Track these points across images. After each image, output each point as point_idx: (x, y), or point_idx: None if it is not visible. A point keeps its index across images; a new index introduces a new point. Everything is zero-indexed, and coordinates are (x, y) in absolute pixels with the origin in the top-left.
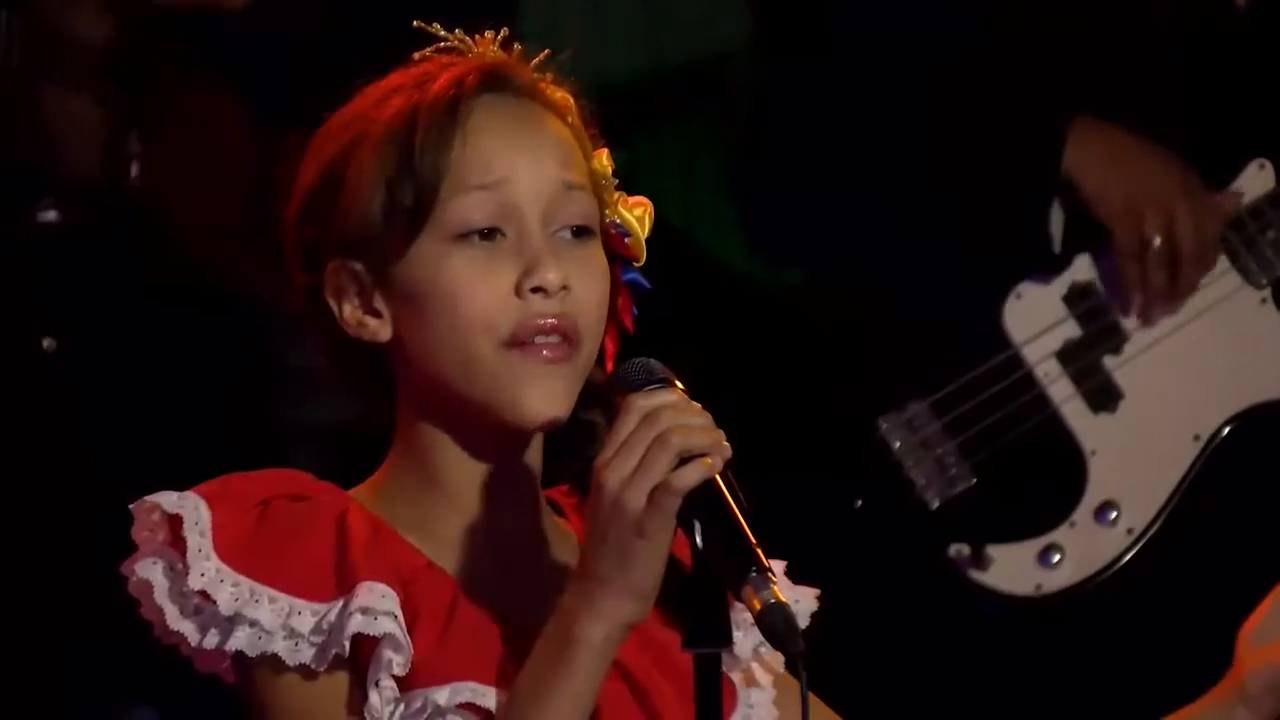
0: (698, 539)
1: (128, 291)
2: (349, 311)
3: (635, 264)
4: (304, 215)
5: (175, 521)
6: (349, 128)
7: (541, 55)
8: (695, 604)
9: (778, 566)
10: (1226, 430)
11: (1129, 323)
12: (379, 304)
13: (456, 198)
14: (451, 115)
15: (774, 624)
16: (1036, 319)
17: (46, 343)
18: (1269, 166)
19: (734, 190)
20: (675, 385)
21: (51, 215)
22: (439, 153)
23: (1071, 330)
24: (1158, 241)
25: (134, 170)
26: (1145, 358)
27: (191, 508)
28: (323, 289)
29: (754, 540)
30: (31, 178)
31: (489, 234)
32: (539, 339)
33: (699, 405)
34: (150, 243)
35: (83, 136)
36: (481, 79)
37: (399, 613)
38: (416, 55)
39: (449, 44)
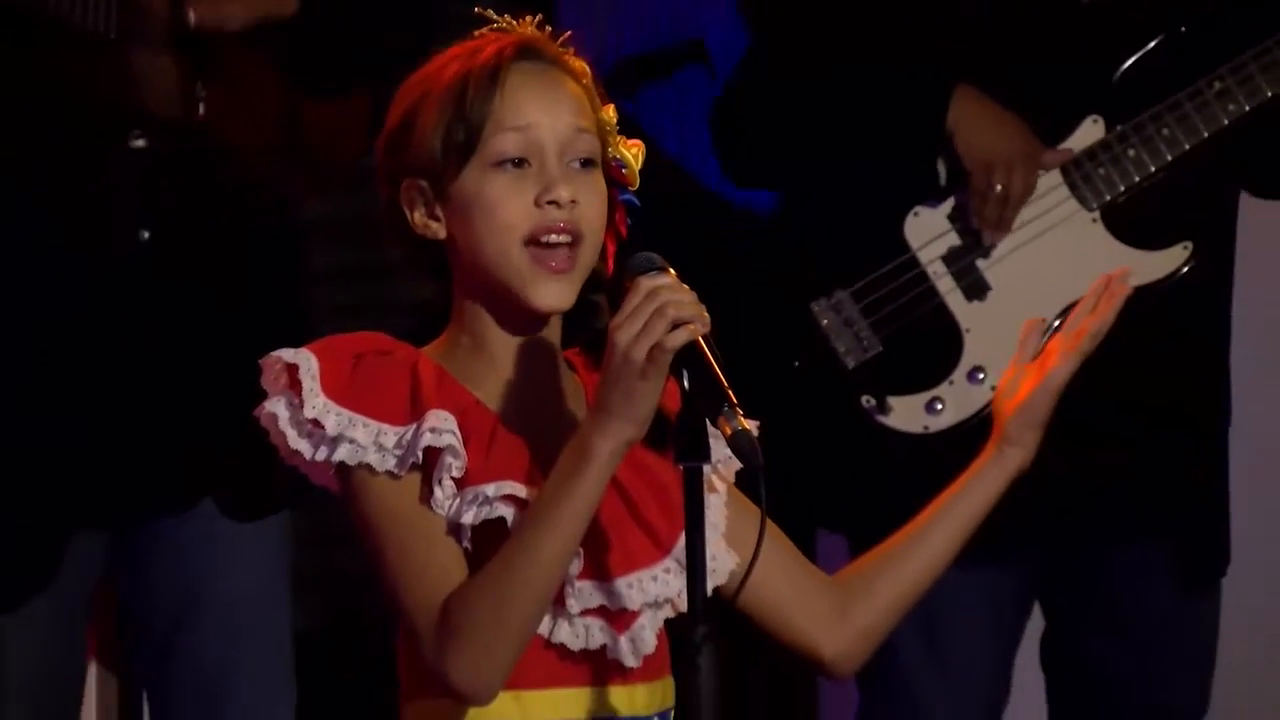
0: (685, 383)
1: (200, 195)
2: (417, 217)
3: (630, 188)
4: (387, 147)
5: (292, 369)
6: (420, 85)
7: (565, 35)
8: (684, 431)
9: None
10: (1062, 318)
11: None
12: (438, 211)
13: (496, 136)
14: (494, 76)
15: (741, 445)
16: (928, 231)
17: (143, 234)
18: (1100, 120)
19: (712, 128)
20: (669, 271)
21: (141, 143)
22: (484, 103)
23: (953, 240)
24: (998, 189)
25: (201, 109)
26: (1007, 260)
27: (304, 359)
28: (399, 200)
29: (726, 384)
30: (126, 115)
31: (519, 163)
32: (552, 238)
33: (687, 286)
34: (214, 160)
35: (162, 85)
36: (517, 50)
37: (457, 432)
38: (475, 33)
39: (498, 25)
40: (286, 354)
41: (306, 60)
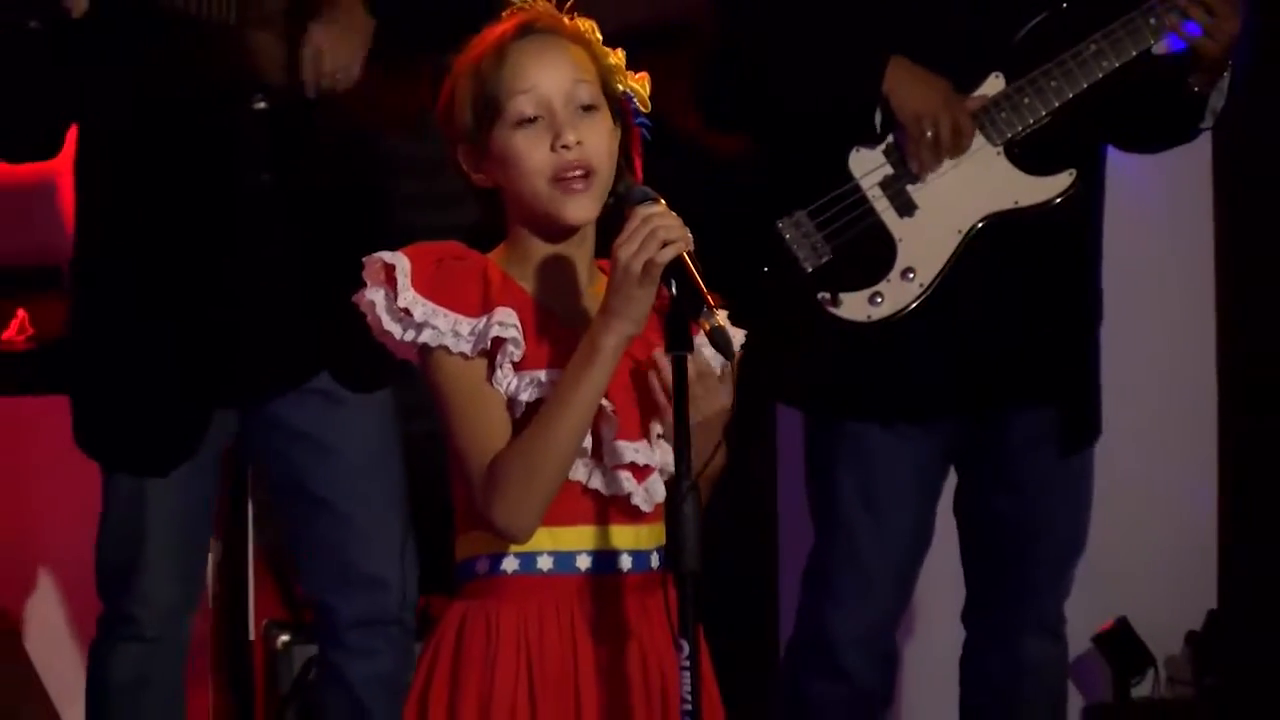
0: (673, 290)
1: (307, 143)
2: (472, 174)
3: (644, 111)
4: (443, 122)
5: (389, 268)
6: (454, 74)
7: (569, 2)
8: (672, 327)
9: (723, 314)
10: (975, 226)
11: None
12: (484, 167)
13: (510, 101)
14: (500, 53)
15: (717, 339)
16: (867, 164)
17: (265, 177)
18: (1002, 76)
19: (695, 87)
20: (660, 201)
21: (262, 104)
22: (495, 77)
23: (887, 170)
24: (928, 136)
25: None
26: (930, 185)
27: (399, 260)
28: (458, 158)
29: (706, 291)
30: (248, 82)
31: (532, 120)
32: (570, 174)
33: (674, 213)
34: (317, 115)
35: (275, 57)
36: (517, 28)
37: (519, 326)
38: (504, 13)
39: (519, 4)
40: (386, 255)
41: (384, 46)
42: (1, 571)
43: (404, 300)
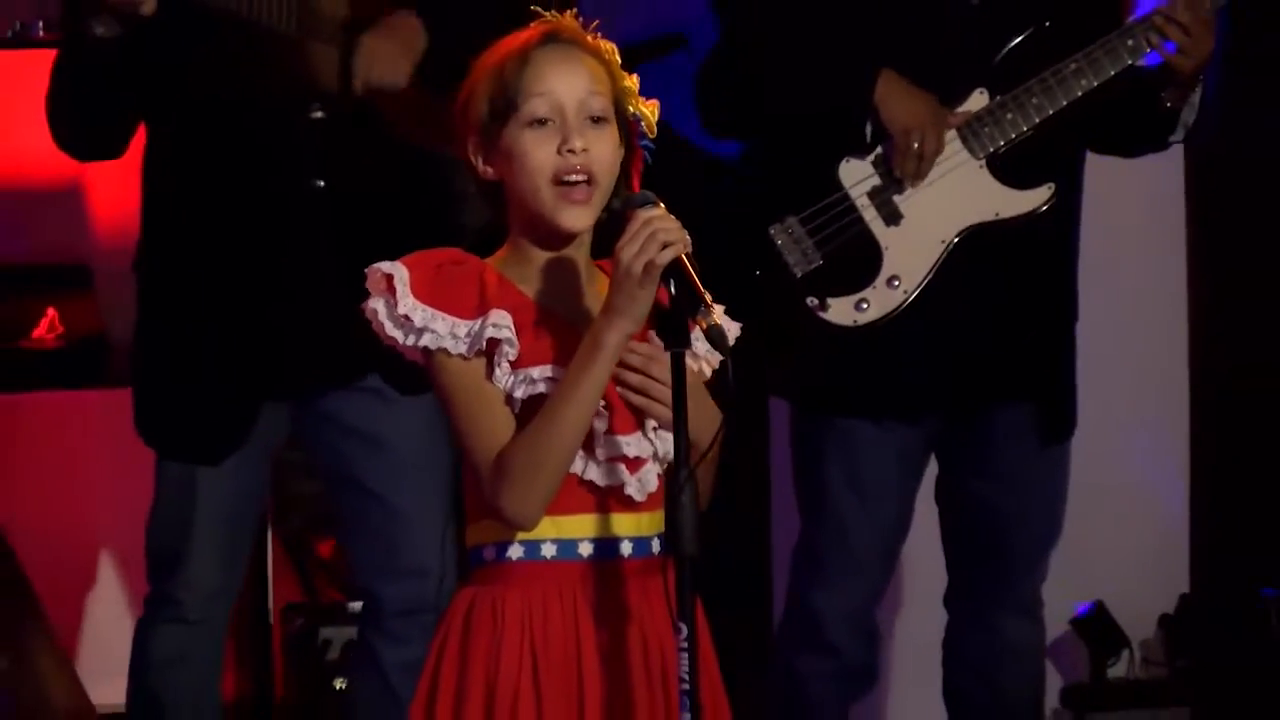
0: (672, 290)
1: (360, 151)
2: (479, 165)
3: (649, 135)
4: (458, 115)
5: (389, 277)
6: (477, 70)
7: (594, 24)
8: (671, 325)
9: (720, 309)
10: (957, 237)
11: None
12: (492, 160)
13: (526, 101)
14: (523, 56)
15: (713, 336)
16: (856, 174)
17: (319, 183)
18: (986, 92)
19: (695, 97)
20: (660, 205)
21: (319, 113)
22: (516, 76)
23: (875, 180)
24: (915, 148)
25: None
26: (915, 195)
27: (398, 270)
28: (467, 152)
29: (703, 291)
30: (306, 91)
31: (544, 122)
32: (572, 178)
33: (673, 216)
34: (370, 126)
35: (333, 68)
36: (543, 36)
37: (512, 327)
38: (532, 24)
39: (543, 17)
40: (385, 266)
41: (434, 70)
42: (32, 555)
43: (404, 307)
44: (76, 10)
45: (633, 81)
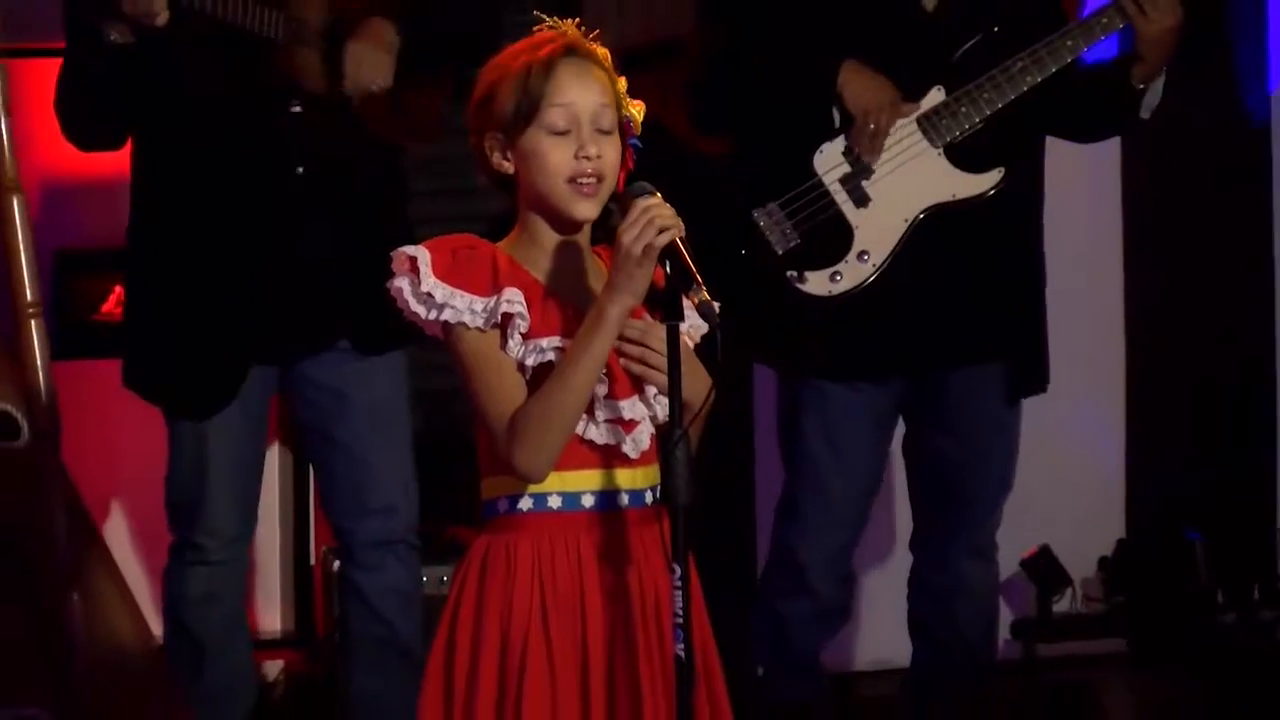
0: (667, 269)
1: (337, 144)
2: (495, 158)
3: (635, 135)
4: (475, 110)
5: (413, 259)
6: (499, 68)
7: (595, 33)
8: (667, 301)
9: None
10: (922, 214)
11: (872, 163)
12: (509, 155)
13: (549, 109)
14: (549, 67)
15: (705, 311)
16: (829, 163)
17: (299, 170)
18: (942, 89)
19: (687, 90)
20: (656, 194)
21: (299, 108)
22: (541, 85)
23: (845, 168)
24: (871, 129)
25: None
26: (881, 181)
27: (420, 252)
28: (483, 145)
29: (695, 271)
30: (286, 89)
31: (564, 131)
32: (583, 180)
33: (669, 205)
34: (347, 121)
35: (311, 72)
36: (565, 49)
37: (523, 302)
38: (535, 29)
39: (551, 25)
40: (409, 249)
41: (405, 62)
42: (100, 504)
43: (426, 286)
44: (90, 18)
45: (622, 84)
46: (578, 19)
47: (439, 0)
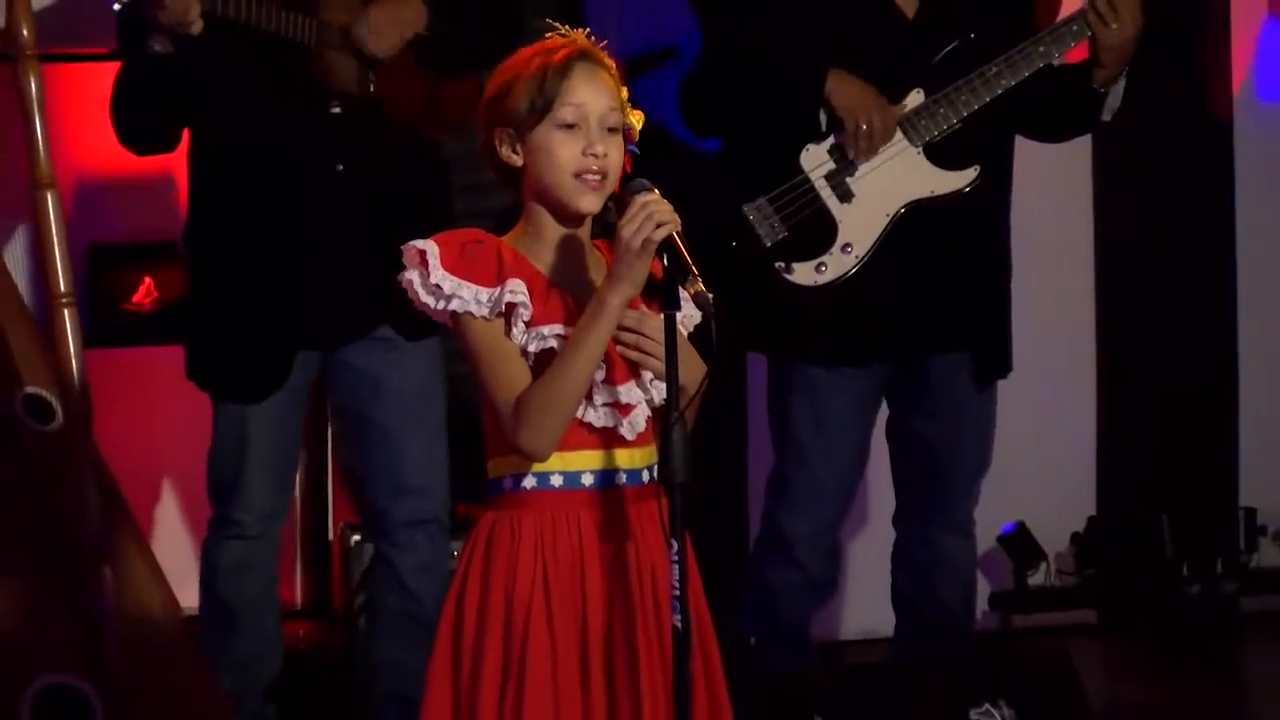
0: (665, 261)
1: (374, 141)
2: (504, 152)
3: (633, 140)
4: (488, 106)
5: (422, 253)
6: (513, 69)
7: (603, 42)
8: (664, 291)
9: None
10: (903, 209)
11: (857, 162)
12: (518, 149)
13: (561, 108)
14: (564, 69)
15: (701, 301)
16: (815, 160)
17: (339, 166)
18: (922, 91)
19: (679, 99)
20: (654, 190)
21: (337, 109)
22: (556, 85)
23: (831, 165)
24: (862, 130)
25: (372, 88)
26: (864, 177)
27: (429, 246)
28: (493, 139)
29: (691, 263)
30: (323, 90)
31: (573, 127)
32: (589, 176)
33: (666, 200)
34: (382, 119)
35: (347, 73)
36: (579, 54)
37: (526, 293)
38: (547, 35)
39: (562, 32)
40: (418, 243)
41: (438, 58)
42: (130, 484)
43: (435, 278)
44: (139, 31)
45: (625, 92)
46: (586, 29)
47: None
